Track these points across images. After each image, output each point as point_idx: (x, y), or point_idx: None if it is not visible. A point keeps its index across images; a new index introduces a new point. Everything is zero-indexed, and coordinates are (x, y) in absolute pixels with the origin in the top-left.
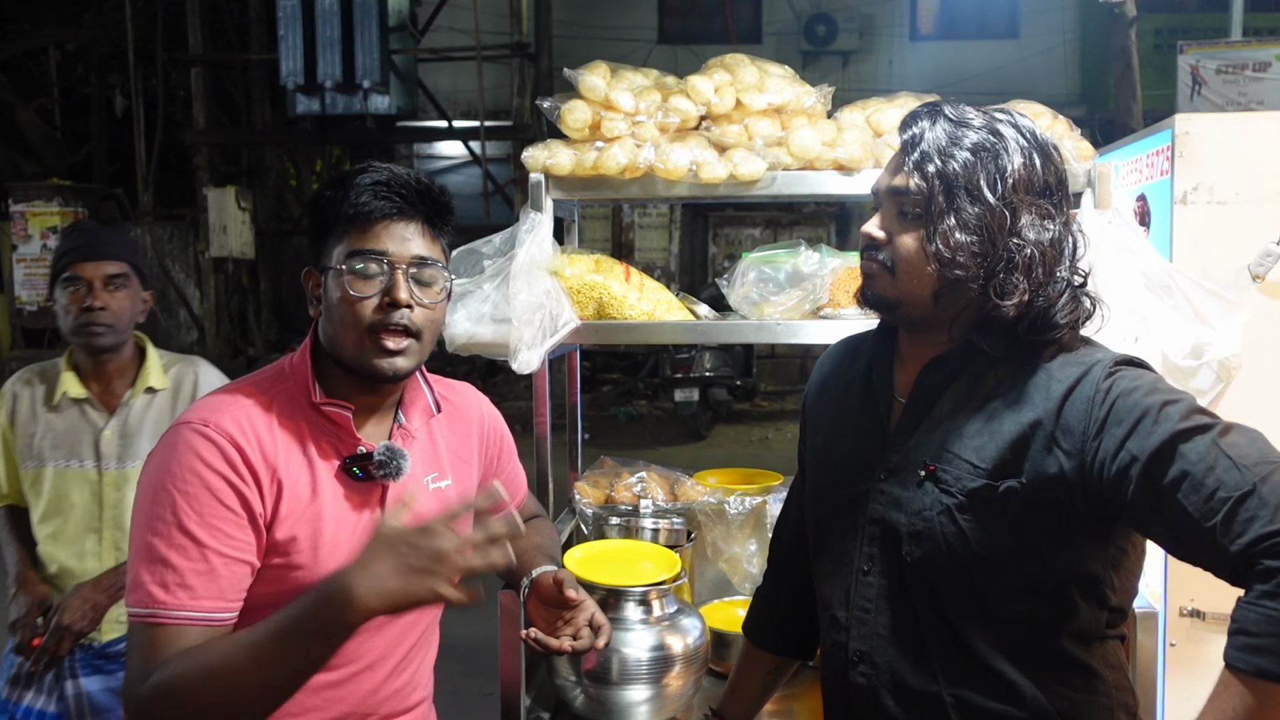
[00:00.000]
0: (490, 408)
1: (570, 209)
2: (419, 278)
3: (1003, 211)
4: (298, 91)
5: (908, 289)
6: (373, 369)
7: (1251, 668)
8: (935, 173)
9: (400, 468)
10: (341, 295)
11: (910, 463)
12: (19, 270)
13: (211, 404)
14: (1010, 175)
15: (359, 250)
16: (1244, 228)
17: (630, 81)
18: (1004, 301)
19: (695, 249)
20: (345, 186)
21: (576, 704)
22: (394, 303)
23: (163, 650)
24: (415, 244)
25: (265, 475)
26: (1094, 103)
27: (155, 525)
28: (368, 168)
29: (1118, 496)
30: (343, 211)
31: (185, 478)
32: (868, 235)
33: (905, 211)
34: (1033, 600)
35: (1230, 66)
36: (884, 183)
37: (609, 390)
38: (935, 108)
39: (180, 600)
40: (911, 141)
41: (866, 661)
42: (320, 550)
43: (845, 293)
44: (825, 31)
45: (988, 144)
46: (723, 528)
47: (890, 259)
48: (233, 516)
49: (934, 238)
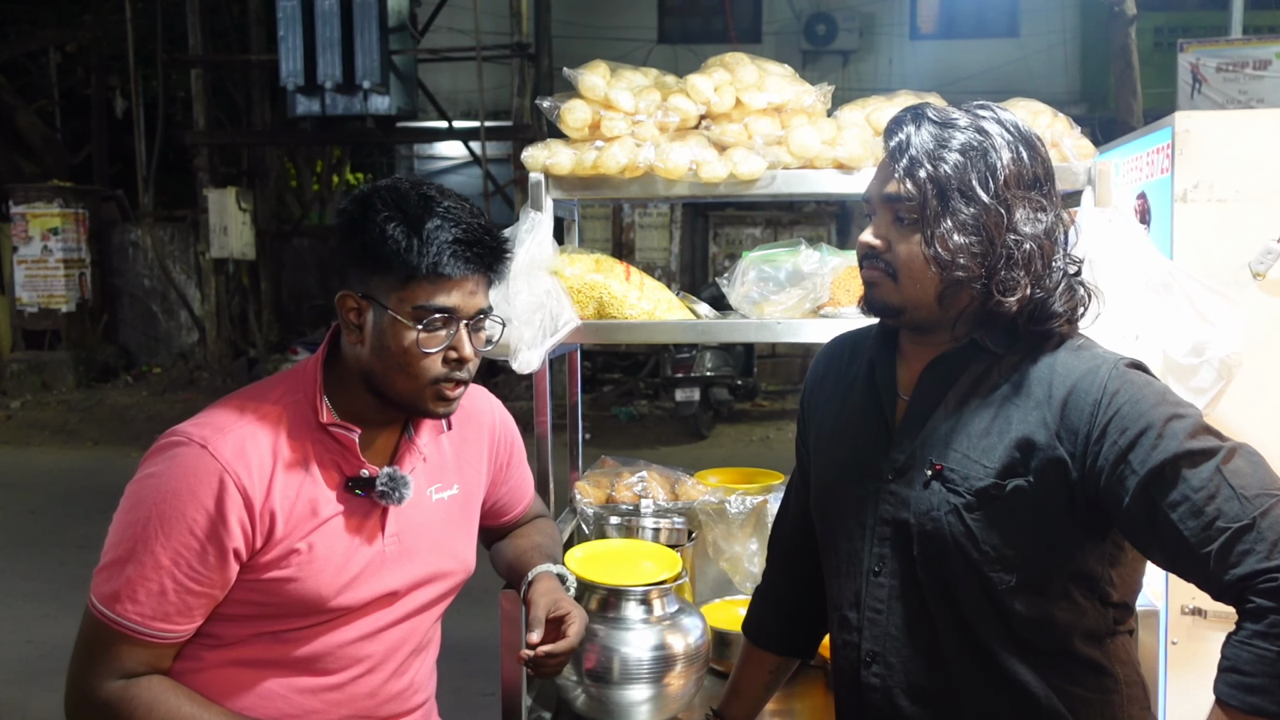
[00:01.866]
0: (502, 412)
1: (570, 209)
2: (477, 328)
3: (998, 209)
4: (298, 92)
5: (911, 294)
6: (428, 413)
7: (1246, 706)
8: (927, 177)
9: (402, 496)
10: (408, 347)
11: (917, 462)
12: (20, 271)
13: (217, 421)
14: (1001, 171)
15: (430, 306)
16: (1244, 225)
17: (630, 81)
18: (1007, 298)
19: (695, 248)
20: (419, 234)
21: (578, 704)
22: (461, 360)
23: (119, 657)
24: (479, 298)
25: (255, 510)
26: (1094, 101)
27: (128, 532)
28: (433, 207)
29: (1113, 504)
30: (415, 262)
31: (168, 499)
32: (866, 244)
33: (901, 217)
34: (1041, 599)
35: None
36: (876, 190)
37: (610, 390)
38: (918, 111)
39: (128, 611)
40: (899, 148)
41: (880, 662)
42: (315, 564)
43: (845, 291)
44: (825, 31)
45: (975, 143)
46: (724, 527)
47: (891, 265)
48: (201, 551)
49: (933, 242)
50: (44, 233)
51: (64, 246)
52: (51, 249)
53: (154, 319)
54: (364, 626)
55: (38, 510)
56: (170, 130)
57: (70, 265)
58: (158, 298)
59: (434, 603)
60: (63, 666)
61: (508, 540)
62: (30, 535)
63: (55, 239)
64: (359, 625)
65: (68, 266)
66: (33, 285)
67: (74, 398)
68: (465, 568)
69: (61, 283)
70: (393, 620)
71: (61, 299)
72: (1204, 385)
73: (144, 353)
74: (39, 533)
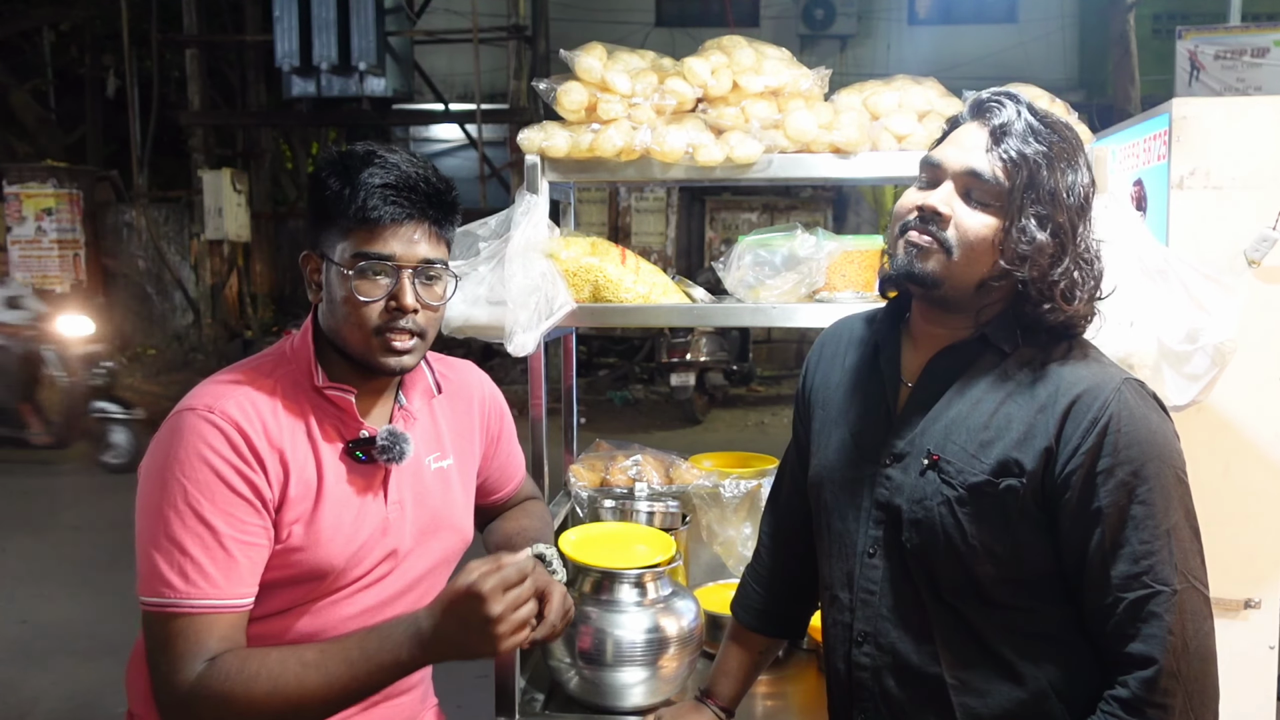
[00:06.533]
0: (490, 385)
1: (566, 192)
2: (424, 279)
3: (1073, 219)
4: (293, 73)
5: (960, 271)
6: (379, 365)
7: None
8: (1023, 166)
9: (403, 451)
10: (347, 296)
11: (915, 450)
12: (14, 252)
13: (214, 389)
14: (1080, 187)
15: (365, 253)
16: (1240, 212)
17: (626, 63)
18: (1067, 306)
19: (692, 233)
20: (352, 182)
21: (571, 685)
22: (400, 308)
23: (195, 641)
24: (422, 247)
25: (272, 460)
26: (1092, 88)
27: (166, 513)
28: (373, 158)
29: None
30: (349, 210)
31: (193, 464)
32: (930, 208)
33: (974, 195)
34: (1027, 591)
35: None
36: (958, 160)
37: (605, 374)
38: (1017, 97)
39: (202, 589)
40: (1001, 129)
41: (870, 642)
42: (322, 533)
43: (841, 276)
44: (823, 15)
45: (1067, 150)
46: (718, 511)
47: (949, 238)
48: (243, 502)
49: (1013, 230)
50: (38, 213)
51: (58, 227)
52: (45, 229)
53: (148, 300)
54: (369, 598)
55: (32, 491)
56: (165, 111)
57: (64, 246)
58: (152, 279)
59: (434, 570)
60: (58, 646)
61: (497, 523)
62: (25, 516)
63: (49, 219)
64: (365, 597)
65: (62, 247)
66: (27, 266)
67: None
68: (464, 537)
69: (56, 263)
70: (397, 590)
71: (56, 280)
72: (1198, 372)
73: (138, 334)
74: (33, 513)
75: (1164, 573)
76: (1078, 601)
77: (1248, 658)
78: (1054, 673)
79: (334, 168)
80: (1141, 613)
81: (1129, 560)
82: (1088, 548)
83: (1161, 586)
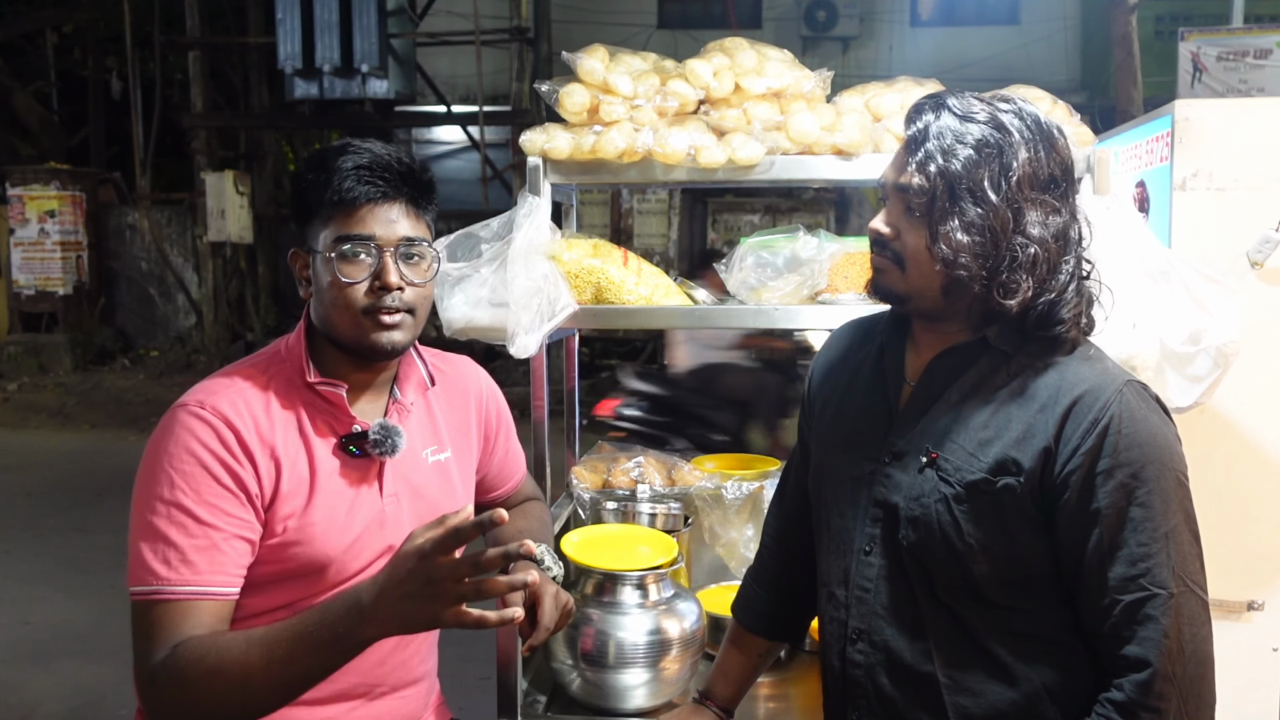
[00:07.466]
0: (488, 381)
1: (568, 193)
2: (407, 258)
3: (1006, 211)
4: (296, 75)
5: (917, 284)
6: (371, 345)
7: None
8: (938, 171)
9: (395, 445)
10: (332, 280)
11: (914, 448)
12: (16, 254)
13: (208, 387)
14: (1015, 172)
15: (345, 236)
16: (1243, 214)
17: (629, 65)
18: (1007, 300)
19: (694, 235)
20: (326, 170)
21: (573, 687)
22: (385, 286)
23: (171, 627)
24: (401, 225)
25: (263, 455)
26: (1094, 89)
27: (154, 505)
28: (346, 148)
29: (1061, 511)
30: (326, 197)
31: (182, 458)
32: (875, 231)
33: (912, 208)
34: (1022, 592)
35: (1231, 53)
36: (891, 178)
37: (607, 376)
38: (940, 100)
39: (184, 575)
40: (916, 138)
41: (865, 639)
42: (318, 528)
43: (843, 278)
44: (825, 17)
45: (992, 140)
46: (720, 513)
47: (899, 254)
48: (230, 495)
49: (937, 238)
50: (41, 215)
51: (61, 229)
52: (48, 231)
53: (151, 302)
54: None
55: (34, 493)
56: (168, 113)
57: (67, 248)
58: (155, 281)
59: None
60: (60, 648)
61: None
62: (27, 517)
63: (52, 221)
64: None
65: (65, 249)
66: (30, 268)
67: (71, 381)
68: None
69: (59, 265)
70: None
71: (59, 281)
72: (1200, 373)
73: (141, 336)
74: (36, 515)
75: (1161, 576)
76: (1074, 603)
77: (1250, 660)
78: (1048, 674)
79: (311, 163)
80: (1137, 615)
81: (1126, 562)
82: (1085, 549)
83: (1158, 589)
